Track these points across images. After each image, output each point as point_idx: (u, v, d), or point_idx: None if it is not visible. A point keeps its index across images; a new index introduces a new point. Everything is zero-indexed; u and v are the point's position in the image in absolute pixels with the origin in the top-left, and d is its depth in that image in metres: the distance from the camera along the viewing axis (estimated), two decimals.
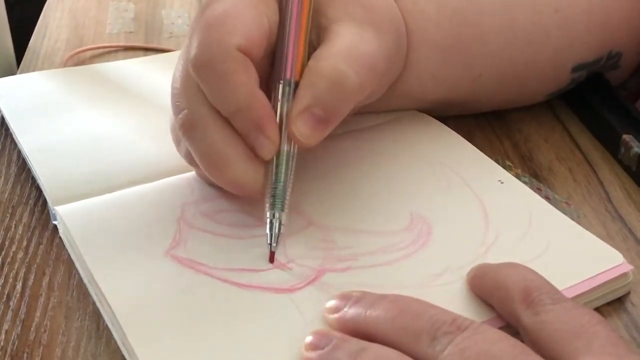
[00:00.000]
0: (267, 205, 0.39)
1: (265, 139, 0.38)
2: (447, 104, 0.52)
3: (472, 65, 0.50)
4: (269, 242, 0.39)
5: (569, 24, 0.52)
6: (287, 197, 0.39)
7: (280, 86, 0.40)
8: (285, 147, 0.39)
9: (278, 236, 0.39)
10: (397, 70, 0.47)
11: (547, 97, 0.55)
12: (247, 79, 0.38)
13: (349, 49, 0.40)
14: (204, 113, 0.39)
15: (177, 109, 0.40)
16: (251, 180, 0.39)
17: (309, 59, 0.40)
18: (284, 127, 0.39)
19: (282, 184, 0.39)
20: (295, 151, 0.40)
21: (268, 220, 0.39)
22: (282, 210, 0.39)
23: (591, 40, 0.53)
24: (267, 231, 0.39)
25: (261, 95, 0.39)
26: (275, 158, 0.39)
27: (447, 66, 0.49)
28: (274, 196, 0.39)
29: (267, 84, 0.40)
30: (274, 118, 0.39)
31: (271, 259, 0.39)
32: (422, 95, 0.50)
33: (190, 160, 0.42)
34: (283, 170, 0.39)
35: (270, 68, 0.41)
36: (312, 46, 0.41)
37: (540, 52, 0.51)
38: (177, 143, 0.43)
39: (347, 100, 0.40)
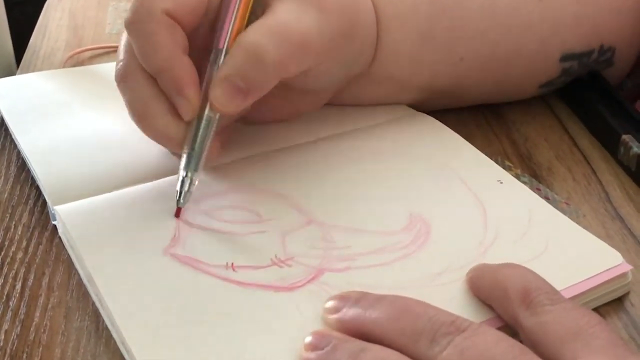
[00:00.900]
0: (182, 163, 0.41)
1: (184, 100, 0.41)
2: (432, 91, 0.52)
3: (452, 49, 0.50)
4: (177, 198, 0.41)
5: (553, 13, 0.52)
6: (202, 159, 0.41)
7: (213, 54, 0.42)
8: (206, 112, 0.41)
9: (187, 194, 0.41)
10: (360, 48, 0.47)
11: (541, 90, 0.55)
12: (169, 41, 0.40)
13: (277, 25, 0.41)
14: (135, 67, 0.41)
15: (117, 62, 0.43)
16: (173, 134, 0.41)
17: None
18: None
19: (198, 145, 0.41)
20: (217, 117, 0.42)
21: (180, 178, 0.41)
22: (196, 170, 0.41)
23: (578, 30, 0.53)
24: (177, 188, 0.41)
25: (183, 58, 0.41)
26: (196, 120, 0.41)
27: (425, 49, 0.50)
28: (189, 156, 0.41)
29: (201, 52, 0.42)
30: (194, 81, 0.41)
31: (177, 213, 0.41)
32: (403, 79, 0.51)
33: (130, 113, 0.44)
34: (201, 132, 0.41)
35: (208, 40, 0.42)
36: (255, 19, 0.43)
37: (523, 38, 0.52)
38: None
39: (266, 73, 0.41)
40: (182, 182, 0.41)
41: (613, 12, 0.54)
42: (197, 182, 0.41)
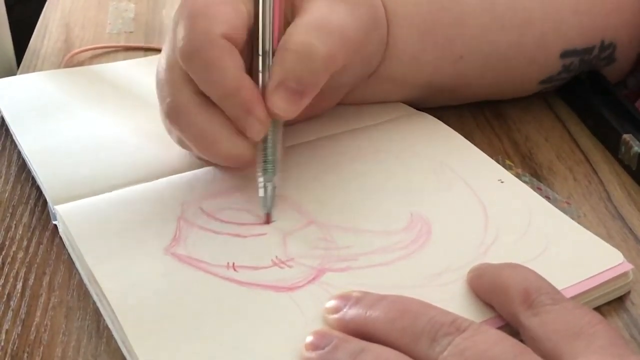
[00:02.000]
0: (259, 172, 0.41)
1: (254, 120, 0.40)
2: (432, 89, 0.52)
3: (452, 47, 0.51)
4: (263, 204, 0.41)
5: (553, 8, 0.52)
6: (278, 163, 0.42)
7: (260, 58, 0.42)
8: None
9: (272, 199, 0.41)
10: (377, 46, 0.48)
11: (541, 86, 0.55)
12: (233, 64, 0.40)
13: (316, 21, 0.42)
14: (188, 97, 0.41)
15: (162, 99, 0.43)
16: (243, 152, 0.41)
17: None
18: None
19: (270, 150, 0.42)
20: (282, 121, 0.42)
21: (261, 186, 0.41)
22: (274, 174, 0.42)
23: (579, 25, 0.53)
24: (261, 195, 0.41)
25: (247, 79, 0.40)
26: None
27: (426, 48, 0.50)
28: (265, 162, 0.42)
29: (249, 70, 0.42)
30: (261, 100, 0.41)
31: (267, 219, 0.41)
32: (404, 79, 0.51)
33: (183, 145, 0.44)
34: (270, 137, 0.42)
35: (250, 55, 0.42)
36: (288, 24, 0.43)
37: (523, 34, 0.52)
38: (169, 132, 0.45)
39: (318, 70, 0.41)
40: (265, 188, 0.41)
41: (613, 7, 0.54)
42: (276, 187, 0.42)
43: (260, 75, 0.41)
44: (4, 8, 0.75)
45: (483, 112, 0.55)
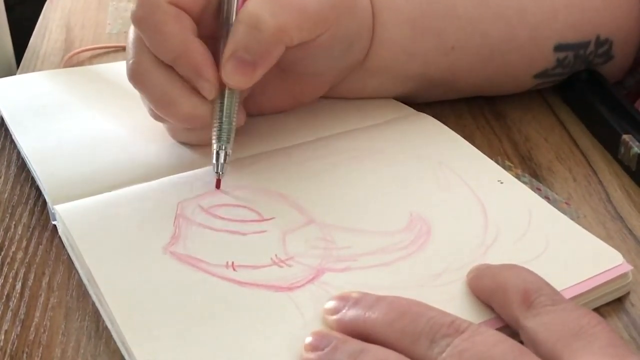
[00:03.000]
0: (214, 138, 0.43)
1: (204, 82, 0.42)
2: (425, 81, 0.52)
3: (444, 38, 0.51)
4: (215, 170, 0.43)
5: (545, 1, 0.53)
6: (233, 131, 0.43)
7: (224, 30, 0.43)
8: (226, 88, 0.43)
9: (224, 165, 0.42)
10: (357, 30, 0.48)
11: (536, 80, 0.55)
12: (179, 29, 0.42)
13: None
14: (148, 60, 0.43)
15: (127, 61, 0.44)
16: (201, 113, 0.43)
17: None
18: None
19: (226, 118, 0.43)
20: (237, 91, 0.43)
21: (214, 152, 0.43)
22: (228, 142, 0.43)
23: (572, 19, 0.53)
24: (214, 161, 0.43)
25: (195, 42, 0.42)
26: (219, 97, 0.43)
27: (417, 38, 0.50)
28: (219, 130, 0.43)
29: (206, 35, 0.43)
30: (211, 61, 0.43)
31: (217, 184, 0.43)
32: (395, 71, 0.51)
33: (152, 114, 0.46)
34: (225, 106, 0.43)
35: (216, 24, 0.44)
36: None
37: (515, 26, 0.52)
38: (142, 100, 0.46)
39: (267, 41, 0.42)
40: (217, 154, 0.42)
41: (607, 2, 0.54)
42: (230, 153, 0.43)
43: (222, 45, 0.43)
44: (3, 8, 0.75)
45: (483, 113, 0.55)
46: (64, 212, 0.41)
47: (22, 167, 0.48)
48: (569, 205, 0.46)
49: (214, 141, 0.43)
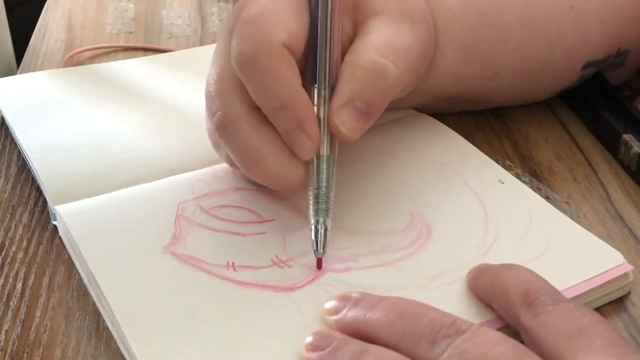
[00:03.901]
0: (311, 210, 0.39)
1: (305, 138, 0.38)
2: (460, 101, 0.52)
3: (490, 64, 0.50)
4: (315, 248, 0.38)
5: (583, 21, 0.51)
6: (331, 202, 0.39)
7: (316, 89, 0.40)
8: (325, 151, 0.39)
9: (324, 242, 0.38)
10: (427, 64, 0.47)
11: (555, 94, 0.55)
12: (291, 76, 0.38)
13: (387, 41, 0.40)
14: (240, 112, 0.39)
15: (211, 111, 0.40)
16: (290, 174, 0.39)
17: (343, 55, 0.40)
18: (322, 130, 0.39)
19: (324, 187, 0.39)
20: (336, 156, 0.40)
21: (313, 227, 0.38)
22: (327, 215, 0.38)
23: (603, 37, 0.53)
24: (312, 238, 0.38)
25: (303, 93, 0.39)
26: (316, 161, 0.39)
27: (467, 64, 0.49)
28: (317, 201, 0.38)
29: (302, 84, 0.40)
30: (314, 117, 0.39)
31: (319, 265, 0.38)
32: (441, 92, 0.50)
33: (231, 163, 0.42)
34: (324, 173, 0.39)
35: (304, 67, 0.41)
36: (348, 41, 0.41)
37: (554, 50, 0.51)
38: (216, 146, 0.43)
39: (387, 91, 0.40)
40: (317, 230, 0.38)
41: (633, 17, 0.54)
42: (330, 226, 0.38)
43: (316, 105, 0.39)
44: (4, 8, 0.75)
45: (483, 113, 0.55)
46: (64, 213, 0.41)
47: (23, 167, 0.48)
48: (570, 205, 0.46)
49: (311, 213, 0.38)
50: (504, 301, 0.35)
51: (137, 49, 0.64)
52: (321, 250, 0.38)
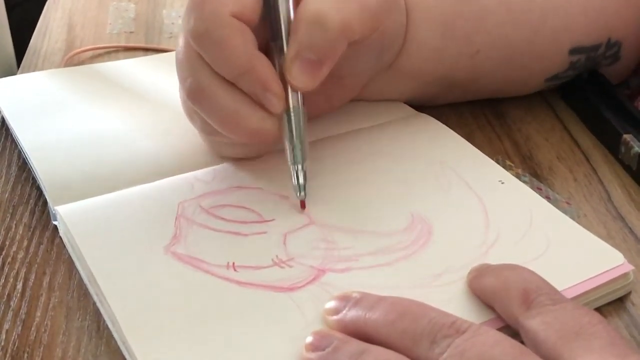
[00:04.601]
0: (289, 159, 0.42)
1: (272, 96, 0.41)
2: (447, 84, 0.52)
3: (470, 42, 0.51)
4: (297, 192, 0.41)
5: (566, 5, 0.52)
6: (306, 148, 0.42)
7: (274, 45, 0.42)
8: (292, 103, 0.42)
9: (304, 185, 0.41)
10: (396, 31, 0.47)
11: (546, 84, 0.56)
12: (244, 43, 0.40)
13: None
14: (209, 78, 0.41)
15: (183, 79, 0.42)
16: (269, 126, 0.41)
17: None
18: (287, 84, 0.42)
19: (297, 136, 0.41)
20: (301, 103, 0.42)
21: (293, 173, 0.41)
22: (304, 160, 0.41)
23: (588, 23, 0.53)
24: (294, 182, 0.41)
25: (261, 56, 0.41)
26: (285, 114, 0.42)
27: (446, 42, 0.50)
28: (293, 149, 0.41)
29: (264, 48, 0.42)
30: (275, 75, 0.41)
31: (302, 205, 0.42)
32: (422, 73, 0.51)
33: (206, 129, 0.44)
34: (294, 123, 0.42)
35: (264, 32, 0.42)
36: None
37: (537, 31, 0.52)
38: (190, 116, 0.44)
39: (333, 39, 0.41)
40: (297, 175, 0.41)
41: (621, 5, 0.54)
42: (307, 171, 0.42)
43: (276, 60, 0.42)
44: (4, 8, 0.75)
45: (483, 112, 0.55)
46: (65, 213, 0.41)
47: (23, 167, 0.48)
48: (570, 204, 0.46)
49: (290, 162, 0.42)
50: (504, 301, 0.35)
51: (138, 49, 0.64)
52: (302, 193, 0.42)
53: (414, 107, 0.53)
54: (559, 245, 0.40)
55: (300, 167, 0.41)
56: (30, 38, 0.66)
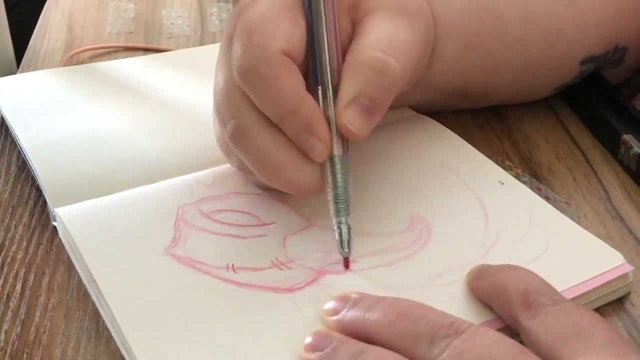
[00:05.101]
0: (332, 211, 0.39)
1: (316, 141, 0.38)
2: (461, 95, 0.52)
3: (490, 56, 0.50)
4: (341, 248, 0.39)
5: (581, 16, 0.52)
6: (351, 199, 0.39)
7: (320, 90, 0.40)
8: (337, 151, 0.39)
9: (349, 241, 0.39)
10: (428, 57, 0.47)
11: (555, 91, 0.56)
12: (293, 82, 0.38)
13: (386, 37, 0.40)
14: (252, 121, 0.39)
15: (223, 121, 0.41)
16: (307, 179, 0.39)
17: (344, 54, 0.40)
18: (332, 130, 0.39)
19: (341, 187, 0.39)
20: (349, 155, 0.40)
21: (336, 227, 0.39)
22: (348, 214, 0.39)
23: (601, 33, 0.53)
24: (337, 238, 0.39)
25: (308, 97, 0.39)
26: (330, 162, 0.39)
27: (467, 56, 0.49)
28: (336, 201, 0.39)
29: (307, 88, 0.40)
30: (323, 119, 0.39)
31: (346, 264, 0.39)
32: (442, 86, 0.50)
33: (244, 170, 0.42)
34: (339, 173, 0.39)
35: (306, 72, 0.41)
36: (348, 40, 0.41)
37: (553, 45, 0.51)
38: (228, 155, 0.43)
39: (392, 87, 0.40)
40: (340, 230, 0.39)
41: (631, 13, 0.54)
42: (352, 225, 0.39)
43: (322, 106, 0.40)
44: (4, 8, 0.75)
45: (483, 113, 0.55)
46: (64, 215, 0.41)
47: (23, 167, 0.48)
48: (569, 205, 0.46)
49: (333, 214, 0.39)
50: (504, 302, 0.35)
51: (137, 49, 0.64)
52: (347, 250, 0.39)
53: (418, 112, 0.53)
54: (559, 246, 0.40)
55: (344, 220, 0.39)
56: (30, 38, 0.66)
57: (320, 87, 0.40)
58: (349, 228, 0.39)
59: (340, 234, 0.39)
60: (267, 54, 0.38)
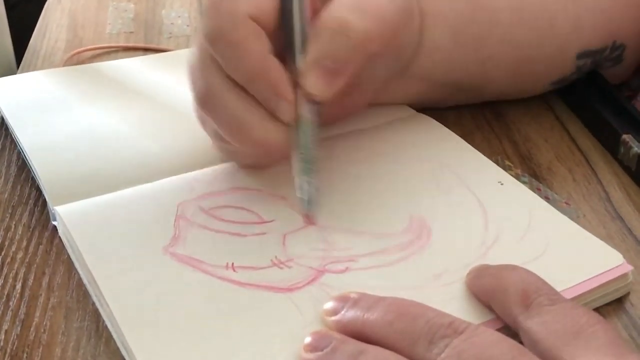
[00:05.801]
0: (296, 171, 0.40)
1: (283, 102, 0.40)
2: (457, 88, 0.52)
3: (482, 47, 0.50)
4: (305, 206, 0.40)
5: (575, 9, 0.52)
6: (315, 160, 0.40)
7: (287, 55, 0.41)
8: (305, 113, 0.40)
9: (314, 199, 0.40)
10: (410, 38, 0.47)
11: (552, 86, 0.56)
12: (259, 46, 0.39)
13: (356, 0, 0.41)
14: (220, 83, 0.40)
15: (193, 85, 0.42)
16: (276, 138, 0.40)
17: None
18: (300, 93, 0.40)
19: (307, 146, 0.40)
20: (316, 117, 0.41)
21: (299, 185, 0.40)
22: (310, 172, 0.40)
23: (596, 27, 0.53)
24: (299, 195, 0.40)
25: (274, 61, 0.40)
26: (297, 124, 0.40)
27: (458, 47, 0.49)
28: (302, 160, 0.40)
29: (278, 52, 0.41)
30: (288, 81, 0.40)
31: (308, 221, 0.40)
32: (435, 78, 0.50)
33: (217, 137, 0.43)
34: (304, 132, 0.40)
35: (279, 38, 0.41)
36: (322, 7, 0.42)
37: (546, 37, 0.52)
38: (203, 123, 0.44)
39: (354, 48, 0.40)
40: (302, 188, 0.40)
41: (627, 8, 0.54)
42: (318, 185, 0.40)
43: (291, 68, 0.40)
44: (3, 8, 0.75)
45: (482, 113, 0.55)
46: (64, 213, 0.41)
47: (22, 167, 0.48)
48: (569, 205, 0.46)
49: (297, 174, 0.40)
50: (503, 302, 0.35)
51: (137, 49, 0.64)
52: (308, 206, 0.40)
53: (415, 108, 0.53)
54: (558, 246, 0.40)
55: (309, 179, 0.40)
56: (30, 38, 0.66)
57: (289, 53, 0.41)
58: (314, 187, 0.40)
59: (303, 191, 0.40)
60: (234, 18, 0.39)
